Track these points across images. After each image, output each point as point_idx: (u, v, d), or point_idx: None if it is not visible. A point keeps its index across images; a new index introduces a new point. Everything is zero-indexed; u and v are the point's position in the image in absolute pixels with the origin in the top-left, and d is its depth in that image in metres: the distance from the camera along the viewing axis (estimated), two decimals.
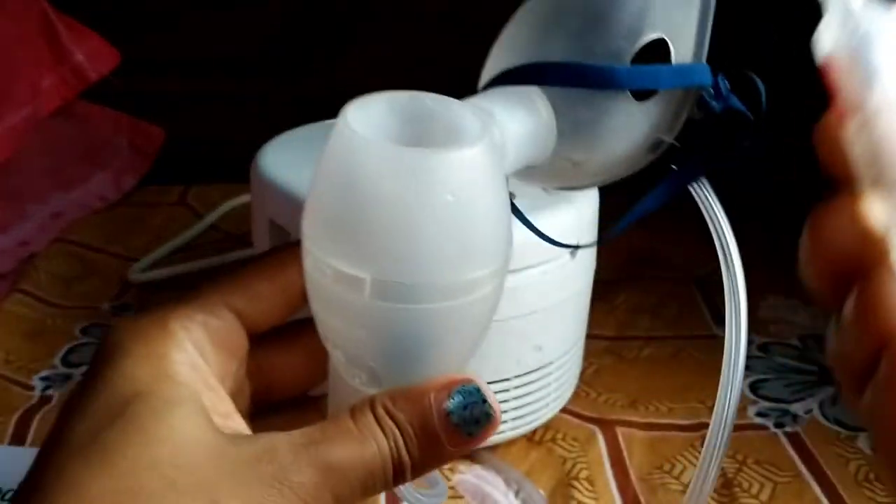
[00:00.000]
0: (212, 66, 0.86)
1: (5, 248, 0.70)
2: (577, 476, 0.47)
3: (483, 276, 0.22)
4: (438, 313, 0.22)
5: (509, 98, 0.25)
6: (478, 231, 0.22)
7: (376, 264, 0.21)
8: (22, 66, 0.74)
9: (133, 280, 0.67)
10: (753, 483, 0.46)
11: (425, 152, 0.21)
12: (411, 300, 0.21)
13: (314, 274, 0.23)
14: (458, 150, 0.21)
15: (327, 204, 0.22)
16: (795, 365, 0.57)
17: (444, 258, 0.21)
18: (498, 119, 0.24)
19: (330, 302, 0.23)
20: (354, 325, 0.23)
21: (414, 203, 0.21)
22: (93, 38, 0.81)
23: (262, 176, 0.48)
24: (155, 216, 0.80)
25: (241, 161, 0.51)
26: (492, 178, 0.22)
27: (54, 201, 0.77)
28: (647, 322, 0.61)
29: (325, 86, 0.86)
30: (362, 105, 0.23)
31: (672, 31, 0.25)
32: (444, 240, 0.21)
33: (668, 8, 0.25)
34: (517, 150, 0.25)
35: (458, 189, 0.21)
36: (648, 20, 0.24)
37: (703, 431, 0.50)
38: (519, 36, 0.27)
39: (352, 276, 0.21)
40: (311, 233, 0.22)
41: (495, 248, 0.23)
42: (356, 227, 0.21)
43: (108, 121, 0.86)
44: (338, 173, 0.22)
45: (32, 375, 0.56)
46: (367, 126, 0.22)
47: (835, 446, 0.49)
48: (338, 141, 0.22)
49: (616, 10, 0.24)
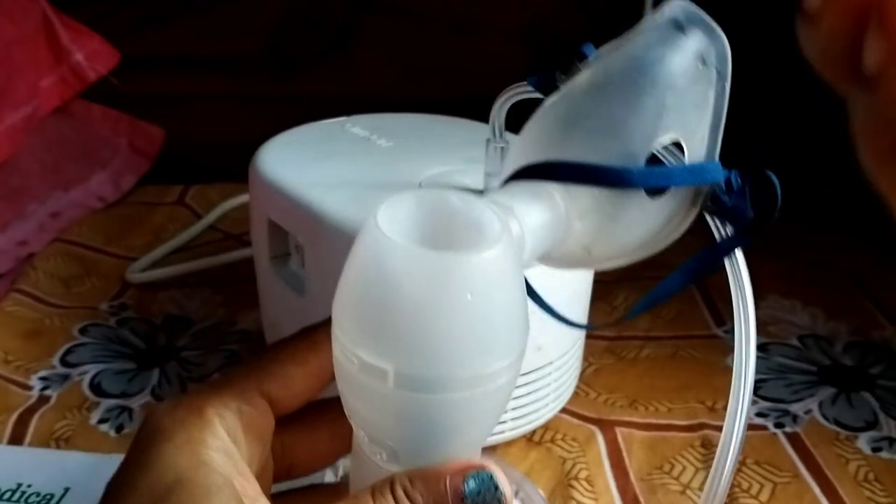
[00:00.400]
0: (212, 66, 0.86)
1: (4, 248, 0.70)
2: (576, 476, 0.47)
3: (500, 368, 0.24)
4: (457, 402, 0.23)
5: (528, 192, 0.26)
6: (496, 326, 0.23)
7: (400, 357, 0.23)
8: (21, 66, 0.74)
9: (132, 280, 0.67)
10: (753, 483, 0.46)
11: (447, 255, 0.23)
12: (432, 390, 0.23)
13: (341, 359, 0.24)
14: (478, 252, 0.23)
15: (356, 297, 0.24)
16: (795, 365, 0.57)
17: (464, 353, 0.23)
18: (517, 213, 0.25)
19: (355, 387, 0.24)
20: (377, 410, 0.24)
21: (436, 302, 0.22)
22: (92, 37, 0.81)
23: (260, 176, 0.48)
24: (154, 216, 0.80)
25: (241, 161, 0.51)
26: (510, 275, 0.23)
27: (53, 201, 0.77)
28: (647, 322, 0.61)
29: (325, 86, 0.87)
30: (392, 204, 0.24)
31: (686, 133, 0.26)
32: (465, 336, 0.23)
33: (682, 112, 0.26)
34: (535, 240, 0.26)
35: (478, 288, 0.22)
36: (664, 124, 0.26)
37: (703, 431, 0.50)
38: (539, 134, 0.28)
39: (376, 367, 0.23)
40: (341, 322, 0.24)
41: (512, 341, 0.24)
42: (382, 322, 0.23)
43: (107, 121, 0.86)
44: (366, 270, 0.23)
45: (31, 375, 0.56)
46: (395, 224, 0.23)
47: (834, 446, 0.49)
48: (367, 239, 0.23)
49: (633, 116, 0.26)
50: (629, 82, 0.26)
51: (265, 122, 0.56)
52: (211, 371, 0.55)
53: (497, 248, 0.23)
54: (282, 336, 0.54)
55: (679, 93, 0.26)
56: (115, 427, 0.51)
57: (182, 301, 0.65)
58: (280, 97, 0.85)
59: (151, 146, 0.86)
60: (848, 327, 0.61)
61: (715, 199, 0.27)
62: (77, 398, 0.53)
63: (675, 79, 0.26)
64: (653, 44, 0.26)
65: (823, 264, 0.70)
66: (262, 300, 0.53)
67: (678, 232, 0.28)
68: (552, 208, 0.27)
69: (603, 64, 0.27)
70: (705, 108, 0.27)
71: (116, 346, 0.59)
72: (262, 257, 0.50)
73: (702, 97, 0.26)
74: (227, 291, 0.66)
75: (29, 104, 0.74)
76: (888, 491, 0.46)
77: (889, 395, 0.54)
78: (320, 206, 0.43)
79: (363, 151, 0.50)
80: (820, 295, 0.65)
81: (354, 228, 0.41)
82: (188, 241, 0.74)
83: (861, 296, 0.66)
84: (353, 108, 0.58)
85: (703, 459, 0.48)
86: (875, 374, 0.56)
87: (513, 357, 0.24)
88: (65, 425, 0.51)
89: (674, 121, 0.26)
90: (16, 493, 0.45)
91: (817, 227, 0.77)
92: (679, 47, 0.26)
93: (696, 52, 0.26)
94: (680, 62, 0.26)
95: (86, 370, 0.56)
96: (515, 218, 0.25)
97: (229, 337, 0.60)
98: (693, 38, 0.26)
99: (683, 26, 0.26)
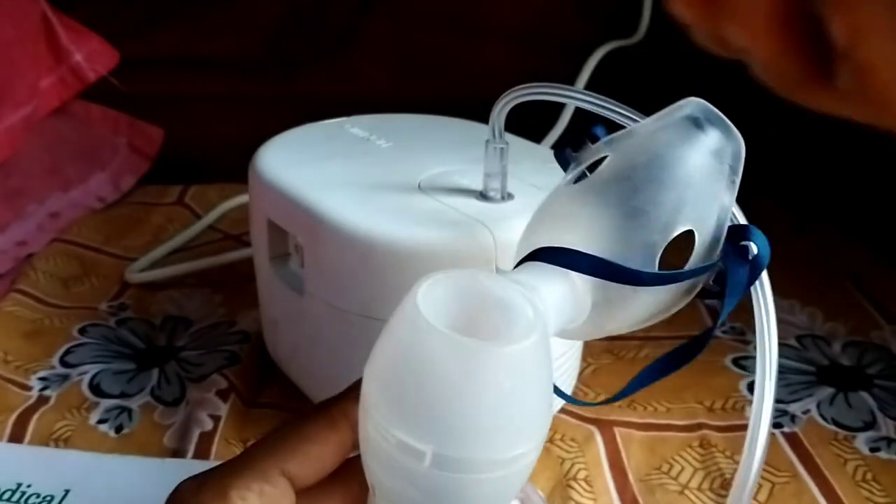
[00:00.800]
0: (212, 66, 0.86)
1: (3, 248, 0.70)
2: (575, 476, 0.47)
3: (530, 448, 0.25)
4: (490, 481, 0.25)
5: (550, 272, 0.28)
6: (530, 411, 0.25)
7: (437, 439, 0.24)
8: (21, 67, 0.74)
9: (131, 280, 0.67)
10: None
11: (487, 345, 0.24)
12: (466, 471, 0.24)
13: (375, 437, 0.25)
14: (517, 342, 0.24)
15: (392, 378, 0.25)
16: (793, 365, 0.57)
17: (499, 436, 0.24)
18: (542, 293, 0.27)
19: (388, 463, 0.25)
20: (410, 486, 0.25)
21: (475, 389, 0.24)
22: (92, 38, 0.81)
23: (260, 176, 0.48)
24: (153, 216, 0.80)
25: (240, 161, 0.51)
26: (542, 361, 0.25)
27: (53, 201, 0.77)
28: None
29: (326, 86, 0.87)
30: (431, 284, 0.25)
31: (699, 224, 0.28)
32: (501, 420, 0.24)
33: (698, 205, 0.28)
34: (556, 319, 0.28)
35: (515, 376, 0.24)
36: (682, 217, 0.28)
37: (702, 432, 0.50)
38: (560, 217, 0.30)
39: (414, 448, 0.24)
40: (375, 401, 0.25)
41: (542, 424, 0.25)
42: (421, 405, 0.24)
43: (107, 121, 0.86)
44: (405, 354, 0.24)
45: (30, 375, 0.56)
46: (434, 305, 0.24)
47: (832, 446, 0.49)
48: (407, 323, 0.24)
49: (654, 208, 0.28)
50: (653, 178, 0.28)
51: (265, 122, 0.56)
52: (210, 371, 0.55)
53: (533, 337, 0.24)
54: (282, 335, 0.54)
55: (696, 188, 0.28)
56: (115, 427, 0.51)
57: (181, 301, 0.65)
58: (280, 97, 0.85)
59: (151, 146, 0.86)
60: (846, 327, 0.61)
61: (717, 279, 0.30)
62: (76, 398, 0.53)
63: (693, 177, 0.28)
64: (674, 142, 0.28)
65: (822, 265, 0.70)
66: (261, 300, 0.54)
67: (680, 305, 0.31)
68: (571, 290, 0.29)
69: (624, 156, 0.30)
70: (715, 201, 0.29)
71: (116, 346, 0.59)
72: (261, 257, 0.50)
73: (715, 191, 0.29)
74: (226, 292, 0.66)
75: (28, 105, 0.74)
76: (886, 491, 0.46)
77: (887, 395, 0.54)
78: (320, 206, 0.43)
79: (363, 152, 0.50)
80: (818, 295, 0.65)
81: (354, 228, 0.42)
82: (188, 242, 0.74)
83: (859, 296, 0.66)
84: (353, 109, 0.58)
85: (701, 460, 0.48)
86: (873, 374, 0.56)
87: (541, 437, 0.25)
88: (64, 425, 0.51)
89: (691, 213, 0.28)
90: (15, 492, 0.45)
91: (816, 226, 0.77)
92: (699, 147, 0.28)
93: (714, 150, 0.28)
94: (699, 161, 0.28)
95: (85, 370, 0.56)
96: (541, 297, 0.27)
97: (229, 337, 0.60)
98: (711, 137, 0.28)
99: (703, 125, 0.28)
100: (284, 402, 0.53)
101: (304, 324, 0.48)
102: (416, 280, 0.26)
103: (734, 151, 0.29)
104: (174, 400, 0.53)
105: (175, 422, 0.51)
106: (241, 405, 0.52)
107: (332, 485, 0.30)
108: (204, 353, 0.58)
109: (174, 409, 0.52)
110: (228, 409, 0.52)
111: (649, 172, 0.25)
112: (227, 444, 0.49)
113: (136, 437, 0.50)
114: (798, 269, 0.69)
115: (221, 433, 0.50)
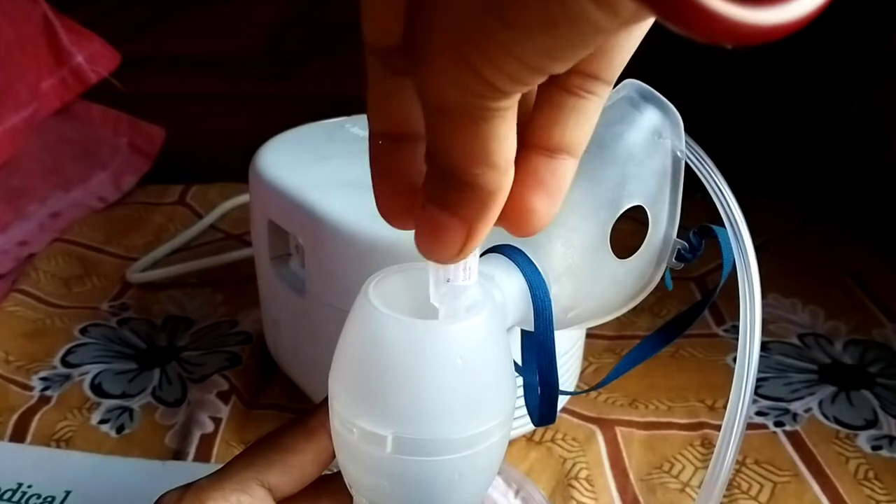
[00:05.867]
0: (212, 66, 0.86)
1: (4, 248, 0.70)
2: (576, 476, 0.47)
3: (491, 428, 0.25)
4: (453, 463, 0.25)
5: (507, 262, 0.29)
6: (485, 388, 0.25)
7: (397, 423, 0.24)
8: (22, 68, 0.74)
9: (132, 280, 0.67)
10: (753, 483, 0.46)
11: (436, 324, 0.24)
12: (428, 453, 0.24)
13: (341, 430, 0.26)
14: (462, 321, 0.24)
15: (351, 370, 0.25)
16: (795, 364, 0.57)
17: (458, 415, 0.24)
18: (497, 281, 0.28)
19: (355, 455, 0.26)
20: (377, 476, 0.25)
21: (428, 369, 0.24)
22: (93, 39, 0.81)
23: (260, 176, 0.48)
24: (154, 216, 0.80)
25: (241, 161, 0.51)
26: (495, 339, 0.25)
27: (54, 201, 0.77)
28: (647, 321, 0.61)
29: (325, 86, 0.87)
30: (381, 278, 0.26)
31: (648, 199, 0.29)
32: (458, 399, 0.24)
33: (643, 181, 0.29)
34: (516, 306, 0.28)
35: (467, 353, 0.24)
36: (626, 192, 0.29)
37: (703, 431, 0.50)
38: None
39: (375, 434, 0.24)
40: (339, 395, 0.25)
41: (501, 402, 0.25)
42: (378, 391, 0.24)
43: (107, 121, 0.86)
44: (360, 343, 0.25)
45: (31, 375, 0.56)
46: (385, 297, 0.25)
47: (834, 445, 0.49)
48: (359, 314, 0.25)
49: (598, 187, 0.29)
50: (592, 157, 0.28)
51: (265, 122, 0.56)
52: (212, 372, 0.55)
53: (482, 314, 0.25)
54: (283, 336, 0.54)
55: (638, 163, 0.29)
56: (116, 428, 0.51)
57: (182, 301, 0.65)
58: (280, 97, 0.85)
59: (151, 146, 0.86)
60: (848, 326, 0.61)
61: (680, 257, 0.30)
62: (78, 398, 0.53)
63: (633, 153, 0.29)
64: (612, 122, 0.29)
65: (823, 263, 0.70)
66: (262, 300, 0.54)
67: (648, 289, 0.31)
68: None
69: None
70: (665, 177, 0.30)
71: (117, 346, 0.59)
72: (262, 257, 0.50)
73: (660, 167, 0.29)
74: (227, 291, 0.66)
75: (29, 106, 0.74)
76: (888, 489, 0.46)
77: (889, 394, 0.54)
78: (320, 206, 0.43)
79: (363, 151, 0.50)
80: (820, 293, 0.65)
81: (354, 229, 0.42)
82: (188, 241, 0.74)
83: (861, 294, 0.66)
84: (353, 108, 0.58)
85: (702, 458, 0.48)
86: (875, 372, 0.56)
87: (504, 416, 0.26)
88: (65, 426, 0.51)
89: (636, 189, 0.29)
90: (16, 493, 0.45)
91: (818, 225, 0.77)
92: (636, 124, 0.29)
93: (652, 127, 0.29)
94: (637, 137, 0.29)
95: (86, 370, 0.56)
96: (497, 286, 0.27)
97: (230, 337, 0.60)
98: (647, 115, 0.29)
99: (638, 104, 0.29)
100: (285, 402, 0.53)
101: (305, 324, 0.48)
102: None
103: (672, 126, 0.30)
104: (175, 400, 0.53)
105: (176, 422, 0.51)
106: (242, 406, 0.52)
107: (319, 494, 0.30)
108: (205, 353, 0.58)
109: (175, 410, 0.52)
110: (229, 411, 0.52)
111: (588, 153, 0.25)
112: (227, 445, 0.49)
113: (137, 438, 0.50)
114: (799, 267, 0.69)
115: (222, 435, 0.50)
